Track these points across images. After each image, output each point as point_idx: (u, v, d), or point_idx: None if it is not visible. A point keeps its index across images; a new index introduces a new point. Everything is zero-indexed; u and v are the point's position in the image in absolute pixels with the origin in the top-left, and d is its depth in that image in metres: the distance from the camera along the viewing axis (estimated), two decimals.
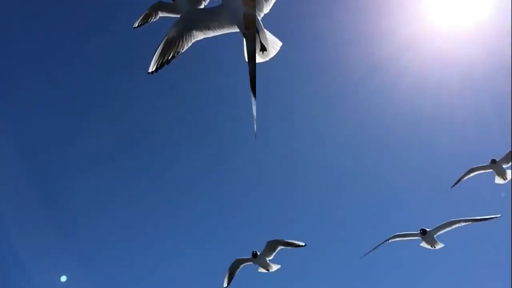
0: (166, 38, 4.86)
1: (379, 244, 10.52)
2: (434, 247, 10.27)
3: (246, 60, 5.22)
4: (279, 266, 10.20)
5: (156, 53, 4.82)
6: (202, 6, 7.69)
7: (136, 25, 8.48)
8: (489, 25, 11.03)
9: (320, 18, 12.56)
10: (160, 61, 4.81)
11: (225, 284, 10.14)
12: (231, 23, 4.91)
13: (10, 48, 15.34)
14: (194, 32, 4.92)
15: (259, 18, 4.92)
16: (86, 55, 15.74)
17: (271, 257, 10.01)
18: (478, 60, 12.17)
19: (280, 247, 9.89)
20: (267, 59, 5.11)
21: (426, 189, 15.71)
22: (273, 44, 5.04)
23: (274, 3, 4.87)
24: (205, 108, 16.70)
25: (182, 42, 4.90)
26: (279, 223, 16.64)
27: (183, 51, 4.92)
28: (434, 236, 10.07)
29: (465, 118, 14.05)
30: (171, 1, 8.06)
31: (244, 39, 4.99)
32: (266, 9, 4.89)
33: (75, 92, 16.27)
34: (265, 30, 4.97)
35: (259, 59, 5.03)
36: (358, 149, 15.73)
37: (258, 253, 9.98)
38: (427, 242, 10.18)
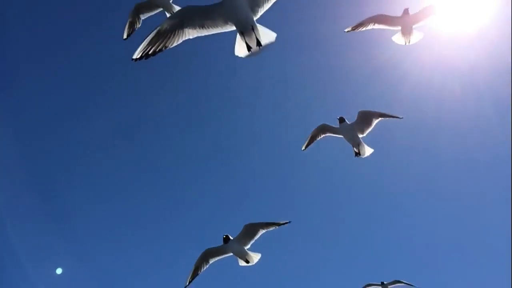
0: (158, 29, 4.89)
1: None
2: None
3: (237, 54, 5.46)
4: (259, 256, 8.38)
5: (145, 42, 4.82)
6: None
7: (125, 36, 8.79)
8: (490, 30, 11.05)
9: (323, 23, 12.65)
10: (146, 51, 4.82)
11: (186, 283, 8.28)
12: (225, 22, 5.08)
13: (8, 43, 15.46)
14: (186, 29, 4.99)
15: (254, 19, 5.17)
16: (83, 47, 15.80)
17: (248, 245, 8.18)
18: (479, 65, 12.15)
19: (261, 231, 8.11)
20: (263, 48, 5.37)
21: (427, 193, 15.62)
22: (268, 37, 5.33)
23: (279, 9, 5.24)
24: (205, 102, 16.77)
25: (173, 37, 4.95)
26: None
27: (171, 46, 4.96)
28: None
29: (466, 122, 13.98)
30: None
31: (238, 36, 5.28)
32: (260, 12, 5.16)
33: (72, 86, 16.30)
34: (258, 26, 5.24)
35: (256, 49, 5.33)
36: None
37: (231, 238, 8.12)
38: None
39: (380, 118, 8.25)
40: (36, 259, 15.90)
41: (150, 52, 4.85)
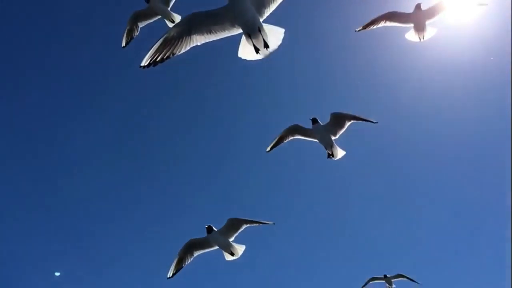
0: (165, 36, 4.79)
1: None
2: None
3: (240, 56, 5.36)
4: (244, 247, 8.26)
5: (152, 49, 4.73)
6: (172, 3, 8.10)
7: (124, 44, 8.68)
8: (491, 30, 11.04)
9: (325, 22, 12.58)
10: (154, 58, 4.73)
11: (169, 274, 8.13)
12: (232, 25, 4.98)
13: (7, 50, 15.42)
14: (194, 36, 4.90)
15: (261, 20, 5.06)
16: (80, 53, 15.86)
17: (232, 238, 8.12)
18: (479, 65, 12.18)
19: (244, 226, 8.05)
20: (272, 51, 5.28)
21: (427, 190, 15.58)
22: (276, 36, 5.22)
23: (280, 8, 5.06)
24: (197, 101, 16.68)
25: (180, 44, 4.86)
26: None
27: (179, 53, 4.88)
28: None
29: (466, 122, 14.01)
30: (145, 5, 8.25)
31: (243, 38, 5.21)
32: (267, 13, 5.05)
33: (71, 91, 16.41)
34: (265, 26, 5.13)
35: (264, 52, 5.25)
36: (360, 151, 15.57)
37: (215, 229, 8.05)
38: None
39: (352, 121, 8.13)
40: (35, 261, 16.07)
41: (157, 60, 4.76)
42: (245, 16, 4.89)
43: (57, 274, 15.04)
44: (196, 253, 8.23)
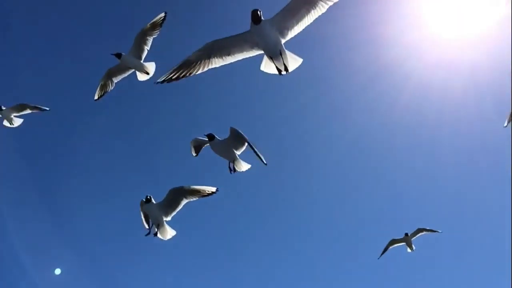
0: (187, 58, 5.17)
1: None
2: None
3: (262, 70, 5.64)
4: (174, 233, 7.75)
5: (172, 68, 5.12)
6: (144, 54, 8.13)
7: (96, 97, 8.57)
8: (491, 31, 11.38)
9: (326, 23, 12.97)
10: (171, 76, 5.10)
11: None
12: (251, 48, 5.28)
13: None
14: (213, 59, 5.24)
15: (283, 42, 5.32)
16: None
17: (168, 216, 7.57)
18: (480, 66, 12.45)
19: (184, 200, 7.48)
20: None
21: (429, 192, 15.73)
22: (294, 63, 5.56)
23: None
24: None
25: (198, 66, 5.22)
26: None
27: (196, 73, 5.23)
28: None
29: (467, 123, 14.33)
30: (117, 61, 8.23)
31: (266, 58, 5.47)
32: (290, 36, 5.32)
33: (71, 86, 15.15)
34: (286, 52, 5.43)
35: (285, 74, 5.57)
36: (361, 153, 15.68)
37: (154, 201, 7.53)
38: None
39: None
40: (36, 259, 15.41)
41: (173, 78, 5.12)
42: (268, 41, 5.18)
43: (57, 272, 14.43)
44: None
